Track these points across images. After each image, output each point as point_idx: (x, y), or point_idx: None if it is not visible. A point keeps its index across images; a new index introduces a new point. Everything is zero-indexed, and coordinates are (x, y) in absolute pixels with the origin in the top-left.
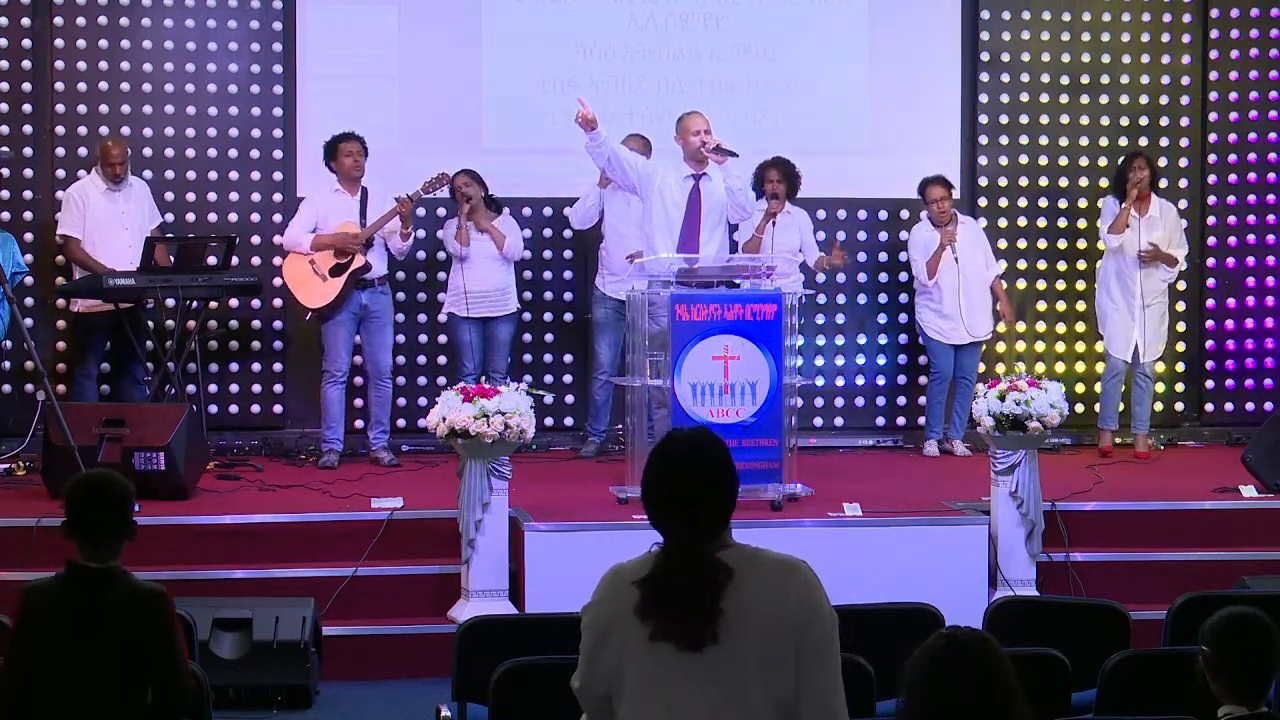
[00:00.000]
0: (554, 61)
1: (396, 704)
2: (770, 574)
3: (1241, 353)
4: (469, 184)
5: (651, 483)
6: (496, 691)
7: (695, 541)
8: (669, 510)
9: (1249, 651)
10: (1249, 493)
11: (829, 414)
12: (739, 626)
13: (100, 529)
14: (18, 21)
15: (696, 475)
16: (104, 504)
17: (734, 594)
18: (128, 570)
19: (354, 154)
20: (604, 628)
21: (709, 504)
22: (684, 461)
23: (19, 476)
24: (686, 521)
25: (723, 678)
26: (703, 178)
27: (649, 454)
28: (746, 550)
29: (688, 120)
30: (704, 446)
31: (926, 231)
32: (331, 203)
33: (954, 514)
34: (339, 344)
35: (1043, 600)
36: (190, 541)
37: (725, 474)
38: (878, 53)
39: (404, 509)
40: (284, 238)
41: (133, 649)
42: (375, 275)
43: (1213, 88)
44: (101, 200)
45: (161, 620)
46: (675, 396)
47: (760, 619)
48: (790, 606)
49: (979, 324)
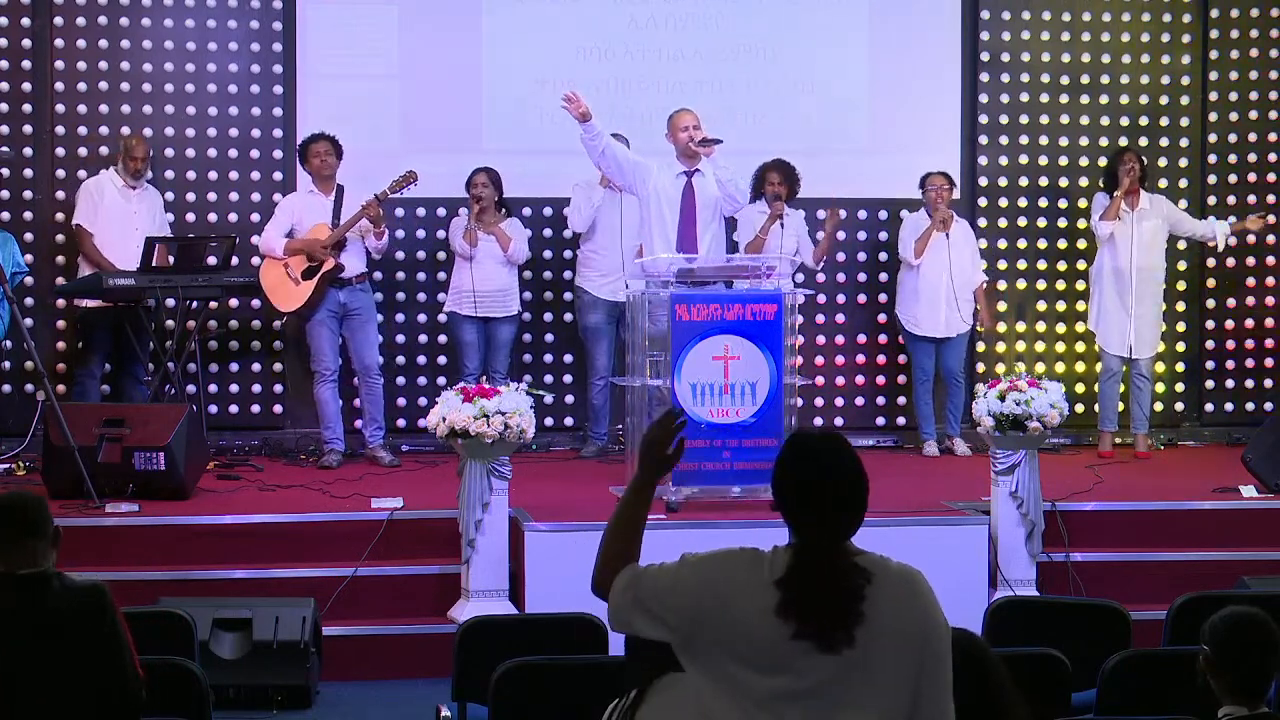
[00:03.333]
0: (554, 61)
1: (396, 704)
2: (898, 582)
3: (1241, 353)
4: (485, 185)
5: (788, 482)
6: (496, 691)
7: (833, 543)
8: (808, 511)
9: (1249, 651)
10: (1249, 493)
11: (829, 414)
12: (873, 632)
13: (12, 542)
14: (18, 21)
15: (835, 475)
16: (16, 517)
17: (870, 599)
18: (62, 573)
19: (322, 154)
20: (728, 598)
21: (847, 506)
22: (822, 461)
23: (19, 476)
24: (825, 523)
25: (855, 680)
26: (695, 174)
27: (781, 452)
28: (875, 557)
29: (677, 117)
30: (840, 449)
31: (921, 218)
32: (306, 204)
33: (954, 514)
34: (323, 343)
35: (1043, 600)
36: (190, 541)
37: (861, 476)
38: (878, 53)
39: (404, 509)
40: (260, 241)
41: (76, 649)
42: (352, 274)
43: (1213, 88)
44: (117, 197)
45: (101, 614)
46: (675, 396)
47: (891, 627)
48: (916, 616)
49: (956, 318)
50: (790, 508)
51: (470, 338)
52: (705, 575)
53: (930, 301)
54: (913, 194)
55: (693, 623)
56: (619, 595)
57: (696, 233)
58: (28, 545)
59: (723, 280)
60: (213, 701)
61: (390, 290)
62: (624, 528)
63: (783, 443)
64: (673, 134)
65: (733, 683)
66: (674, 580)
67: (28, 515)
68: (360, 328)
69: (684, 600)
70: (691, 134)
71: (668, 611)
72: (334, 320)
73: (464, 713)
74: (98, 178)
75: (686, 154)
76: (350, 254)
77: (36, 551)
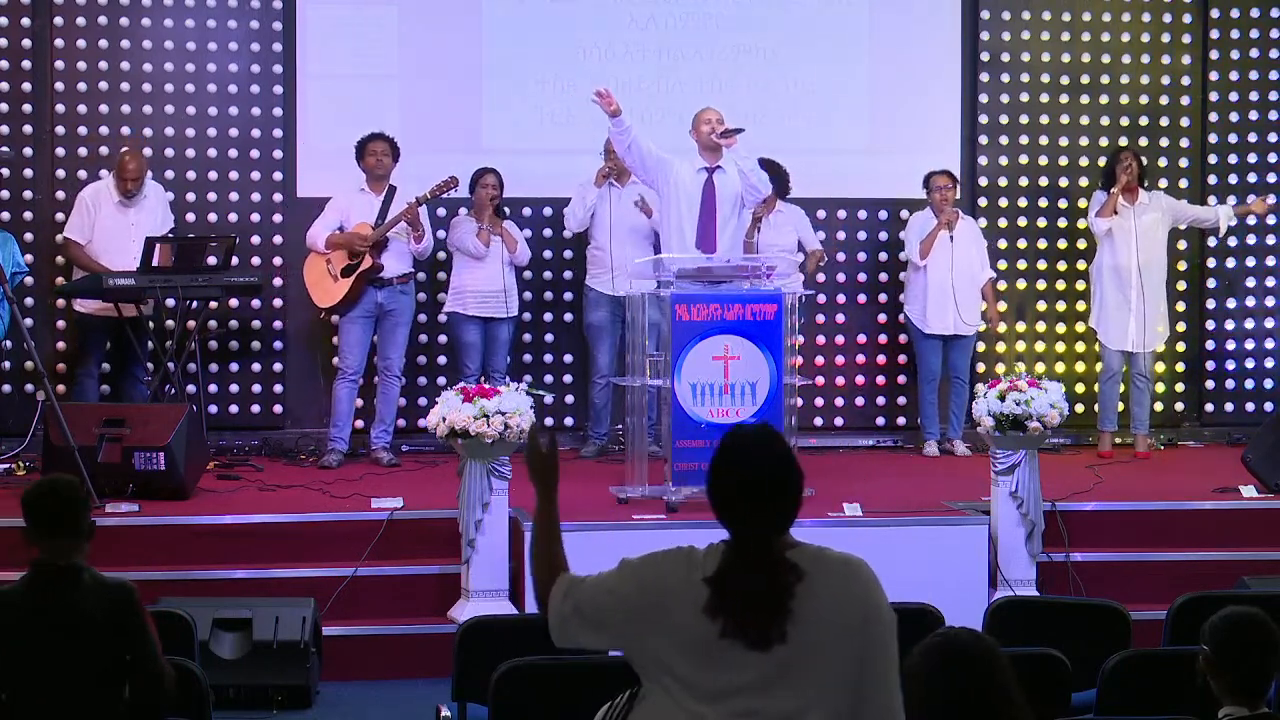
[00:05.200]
0: (554, 61)
1: (396, 704)
2: (835, 573)
3: (1241, 353)
4: (496, 185)
5: (723, 477)
6: (496, 691)
7: (766, 538)
8: (741, 505)
9: (1249, 651)
10: (1249, 493)
11: (829, 414)
12: (806, 627)
13: (60, 528)
14: (18, 21)
15: (769, 471)
16: (60, 503)
17: (802, 594)
18: (93, 568)
19: (378, 153)
20: (662, 600)
21: (780, 500)
22: (756, 456)
23: (19, 476)
24: (758, 518)
25: (788, 678)
26: (716, 170)
27: (717, 447)
28: (811, 550)
29: (702, 114)
30: (773, 442)
31: (927, 217)
32: (355, 202)
33: (954, 514)
34: (353, 342)
35: (1043, 600)
36: (190, 541)
37: (795, 470)
38: (878, 53)
39: (404, 509)
40: (308, 235)
41: (105, 645)
42: (393, 275)
43: (1213, 88)
44: (114, 210)
45: (131, 613)
46: (675, 396)
47: (826, 620)
48: (854, 606)
49: (964, 316)
50: (721, 504)
51: (470, 338)
52: (642, 578)
53: (939, 300)
54: (913, 194)
55: (633, 626)
56: (558, 603)
57: (716, 229)
58: (66, 534)
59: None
60: (213, 701)
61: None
62: (545, 540)
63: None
64: (695, 129)
65: (681, 684)
66: (613, 585)
67: (75, 506)
68: (392, 329)
69: (623, 604)
70: (714, 127)
71: (607, 616)
72: (368, 320)
73: (464, 713)
74: (95, 188)
75: (708, 149)
76: (391, 255)
77: (72, 545)
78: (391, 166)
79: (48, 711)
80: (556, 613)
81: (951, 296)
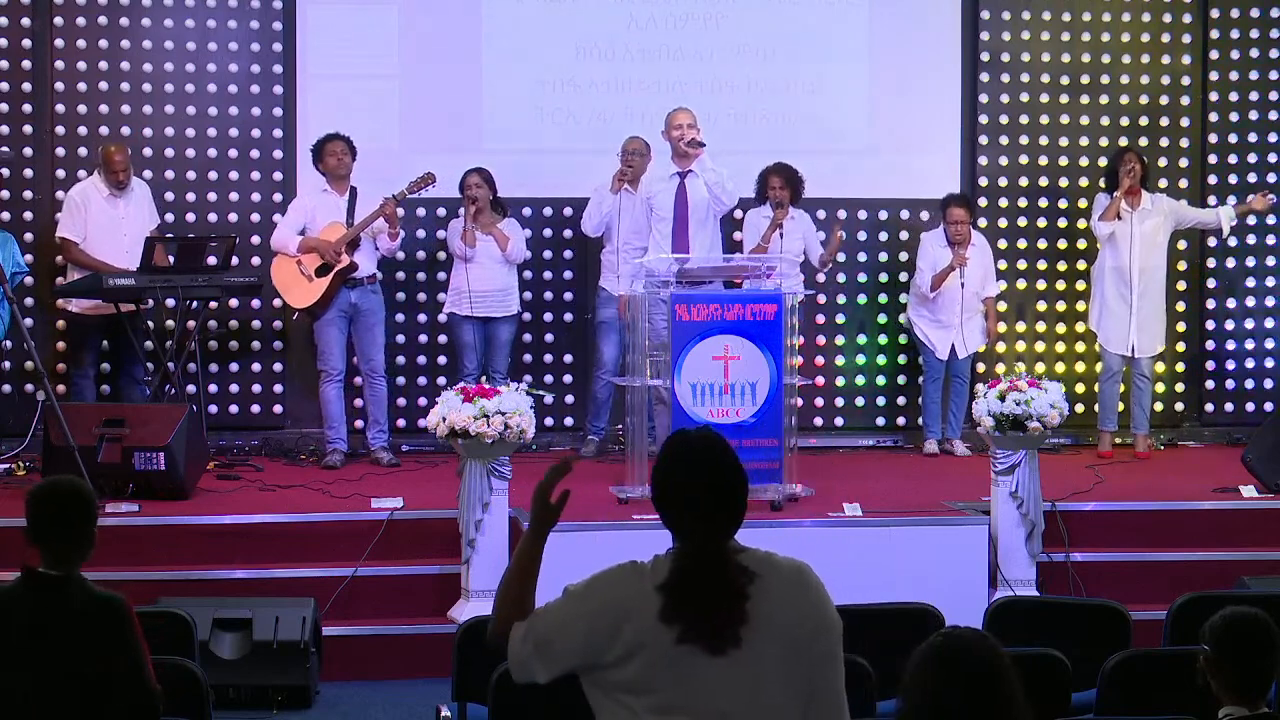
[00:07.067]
0: (554, 61)
1: (396, 704)
2: (786, 579)
3: (1241, 353)
4: (479, 185)
5: (668, 483)
6: (496, 691)
7: (715, 543)
8: (689, 511)
9: (1249, 651)
10: (1249, 493)
11: (829, 414)
12: (760, 631)
13: (64, 537)
14: (18, 21)
15: (714, 476)
16: (69, 513)
17: (756, 596)
18: (85, 578)
19: (338, 154)
20: (619, 616)
21: (727, 505)
22: (701, 461)
23: (19, 476)
24: (706, 523)
25: (743, 682)
26: (688, 175)
27: (660, 454)
28: (759, 554)
29: (673, 115)
30: (718, 448)
31: (939, 247)
32: (320, 203)
33: (954, 514)
34: (331, 343)
35: (1043, 600)
36: (190, 541)
37: (741, 475)
38: (877, 53)
39: (404, 509)
40: (272, 239)
41: (89, 658)
42: (364, 274)
43: (1213, 88)
44: (103, 205)
45: (118, 627)
46: (675, 396)
47: (779, 624)
48: (806, 611)
49: (970, 340)
50: (668, 509)
51: (470, 338)
52: (591, 603)
53: (946, 323)
54: (913, 194)
55: (593, 647)
56: (518, 646)
57: (688, 235)
58: (68, 544)
59: (719, 280)
60: (213, 701)
61: (390, 291)
62: (520, 578)
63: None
64: (667, 132)
65: (639, 697)
66: (563, 618)
67: (77, 514)
68: (369, 329)
69: (577, 634)
70: (684, 132)
71: (565, 647)
72: (344, 320)
73: (464, 713)
74: (82, 186)
75: (678, 153)
76: (362, 254)
77: (71, 556)
78: (351, 165)
79: (28, 717)
80: (516, 655)
81: (958, 327)
